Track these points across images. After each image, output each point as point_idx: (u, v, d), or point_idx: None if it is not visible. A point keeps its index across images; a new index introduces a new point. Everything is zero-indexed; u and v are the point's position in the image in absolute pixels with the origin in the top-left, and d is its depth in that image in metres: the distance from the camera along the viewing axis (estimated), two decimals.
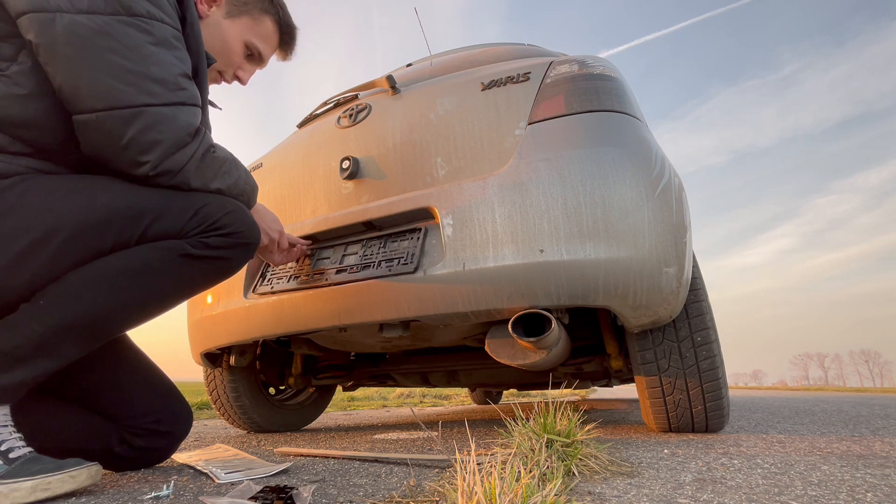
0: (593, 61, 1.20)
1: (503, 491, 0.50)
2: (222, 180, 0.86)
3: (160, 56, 0.74)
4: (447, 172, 1.20)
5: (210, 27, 0.91)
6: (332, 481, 0.79)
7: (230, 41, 0.93)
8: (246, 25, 0.94)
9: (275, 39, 0.99)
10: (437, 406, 4.74)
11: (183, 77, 0.78)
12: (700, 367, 1.20)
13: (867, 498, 0.64)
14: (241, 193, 0.90)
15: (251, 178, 0.94)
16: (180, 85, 0.77)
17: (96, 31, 0.70)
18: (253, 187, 0.94)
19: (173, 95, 0.76)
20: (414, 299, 1.07)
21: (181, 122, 0.77)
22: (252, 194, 0.93)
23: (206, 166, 0.83)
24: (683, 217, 1.07)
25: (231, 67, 0.97)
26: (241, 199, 0.90)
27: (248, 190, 0.92)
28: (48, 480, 0.67)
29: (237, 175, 0.89)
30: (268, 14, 0.95)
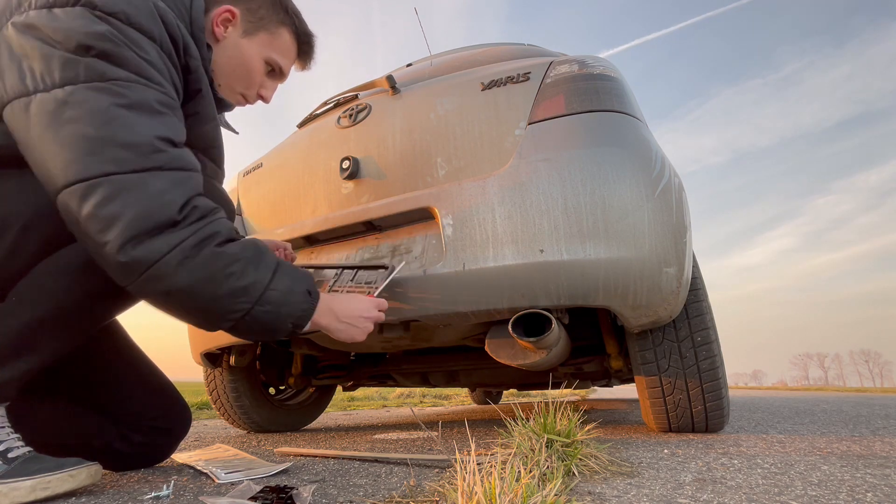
0: (593, 61, 1.20)
1: (503, 491, 0.50)
2: (233, 287, 0.69)
3: (130, 119, 0.64)
4: (447, 172, 1.20)
5: (228, 49, 0.85)
6: (332, 481, 0.79)
7: (250, 61, 0.88)
8: (264, 42, 0.88)
9: (293, 50, 0.94)
10: (437, 406, 4.74)
11: (162, 140, 0.67)
12: (700, 367, 1.20)
13: (867, 498, 0.64)
14: (274, 309, 0.74)
15: (298, 282, 0.78)
16: (157, 147, 0.66)
17: (61, 101, 0.62)
18: (300, 299, 0.78)
19: (146, 160, 0.64)
20: (414, 299, 1.07)
21: (152, 190, 0.64)
22: (298, 308, 0.78)
23: (204, 263, 0.66)
24: (683, 217, 1.07)
25: (253, 87, 0.91)
26: (275, 319, 0.75)
27: (290, 302, 0.76)
28: (48, 479, 0.67)
29: (257, 278, 0.71)
30: (284, 26, 0.90)
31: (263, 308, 0.73)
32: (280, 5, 0.90)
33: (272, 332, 0.77)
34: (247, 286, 0.71)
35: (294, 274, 0.79)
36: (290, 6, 0.92)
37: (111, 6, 0.64)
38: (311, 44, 0.97)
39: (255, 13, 0.87)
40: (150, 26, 0.67)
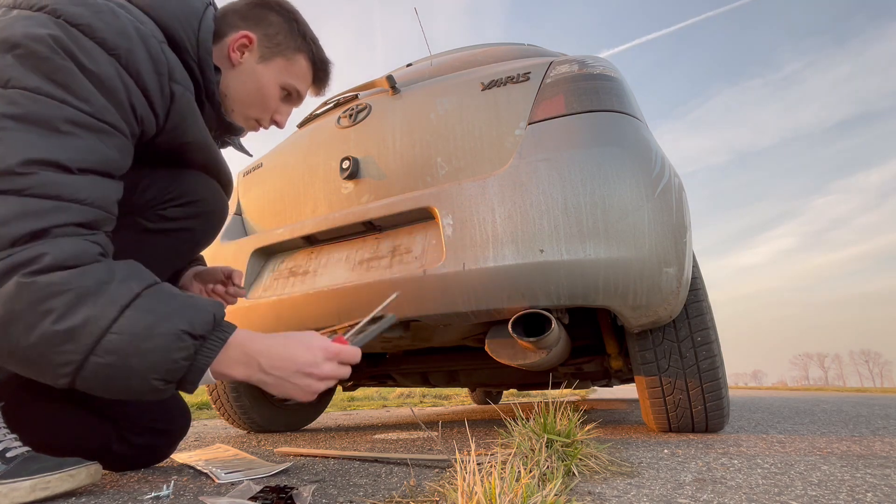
0: (593, 61, 1.20)
1: (503, 491, 0.50)
2: (49, 331, 0.52)
3: (9, 133, 0.55)
4: (447, 172, 1.20)
5: (244, 75, 0.84)
6: (332, 481, 0.79)
7: (266, 87, 0.85)
8: (280, 67, 0.86)
9: (309, 76, 0.92)
10: (437, 406, 4.74)
11: (38, 163, 0.55)
12: (700, 367, 1.20)
13: (867, 498, 0.64)
14: (119, 361, 0.54)
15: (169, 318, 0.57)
16: (16, 171, 0.54)
17: None
18: (169, 344, 0.57)
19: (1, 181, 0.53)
20: (414, 299, 1.07)
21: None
22: (166, 358, 0.57)
23: (6, 298, 0.51)
24: (683, 217, 1.07)
25: (268, 113, 0.89)
26: (124, 375, 0.55)
27: (148, 350, 0.55)
28: (47, 479, 0.67)
29: (90, 316, 0.53)
30: (301, 52, 0.88)
31: (100, 360, 0.54)
32: (297, 32, 0.88)
33: (132, 393, 0.57)
34: (72, 329, 0.53)
35: (167, 306, 0.58)
36: (308, 33, 0.90)
37: (76, 17, 0.60)
38: (326, 70, 0.95)
39: (273, 39, 0.85)
40: (115, 42, 0.62)
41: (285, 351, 0.65)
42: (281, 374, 0.64)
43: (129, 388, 0.57)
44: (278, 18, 0.86)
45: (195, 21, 0.75)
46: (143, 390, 0.57)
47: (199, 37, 0.75)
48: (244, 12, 0.86)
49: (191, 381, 0.60)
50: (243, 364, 0.63)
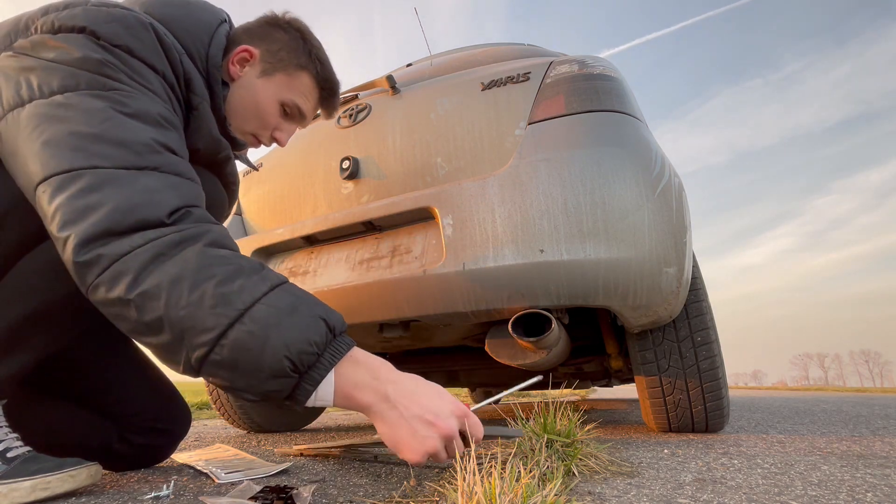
0: (593, 61, 1.20)
1: (503, 491, 0.50)
2: (209, 292, 0.54)
3: (127, 122, 0.61)
4: (447, 172, 1.20)
5: (242, 88, 0.83)
6: (332, 481, 0.79)
7: (263, 102, 0.85)
8: (281, 83, 0.85)
9: (314, 95, 0.90)
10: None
11: (161, 144, 0.62)
12: (700, 367, 1.20)
13: (867, 498, 0.64)
14: (260, 330, 0.55)
15: (311, 305, 0.59)
16: (154, 148, 0.61)
17: (56, 104, 0.59)
18: (308, 324, 0.57)
19: (139, 159, 0.59)
20: (414, 299, 1.07)
21: (142, 186, 0.58)
22: (301, 337, 0.56)
23: (181, 261, 0.55)
24: (683, 217, 1.07)
25: (267, 129, 0.88)
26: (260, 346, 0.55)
27: (288, 325, 0.56)
28: (48, 480, 0.67)
29: (246, 285, 0.56)
30: (304, 69, 0.87)
31: (244, 327, 0.54)
32: (303, 49, 0.87)
33: (256, 372, 0.55)
34: (228, 293, 0.55)
35: (307, 295, 0.61)
36: (315, 52, 0.88)
37: (115, 38, 0.64)
38: (333, 90, 0.92)
39: (275, 55, 0.85)
40: (153, 59, 0.67)
41: (416, 388, 0.61)
42: (404, 412, 0.58)
43: (258, 367, 0.55)
44: (285, 36, 0.86)
45: (206, 36, 0.77)
46: (270, 373, 0.55)
47: (209, 52, 0.77)
48: (253, 29, 0.86)
49: (313, 379, 0.57)
50: (371, 388, 0.59)
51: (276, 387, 0.56)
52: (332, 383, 0.58)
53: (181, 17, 0.75)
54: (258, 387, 0.56)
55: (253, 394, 0.57)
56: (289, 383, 0.56)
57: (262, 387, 0.56)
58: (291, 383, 0.57)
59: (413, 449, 0.58)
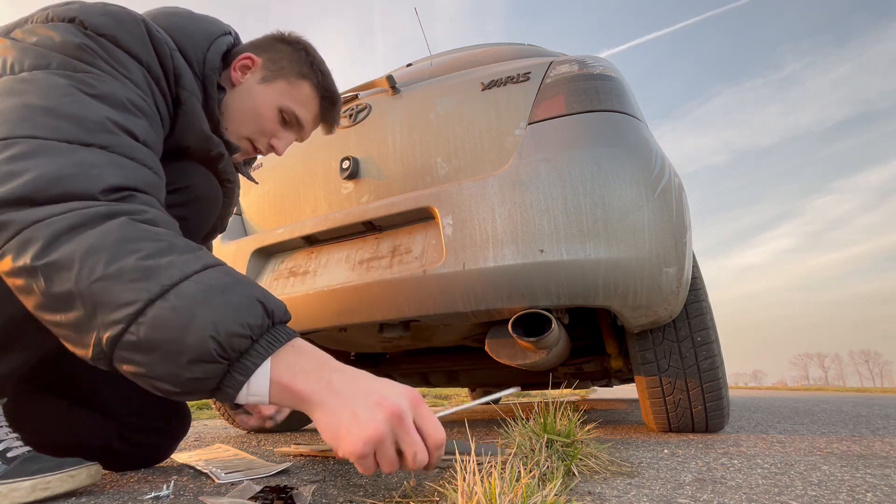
0: (593, 61, 1.20)
1: (503, 491, 0.50)
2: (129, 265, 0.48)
3: (87, 100, 0.57)
4: (447, 172, 1.20)
5: (242, 93, 0.84)
6: (332, 481, 0.79)
7: (261, 107, 0.85)
8: (281, 90, 0.86)
9: (314, 105, 0.90)
10: (438, 406, 4.74)
11: (118, 126, 0.58)
12: (700, 367, 1.20)
13: (867, 498, 0.64)
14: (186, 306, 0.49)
15: (248, 287, 0.53)
16: (108, 127, 0.57)
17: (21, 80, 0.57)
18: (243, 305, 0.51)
19: (87, 135, 0.55)
20: (414, 299, 1.07)
21: (79, 160, 0.53)
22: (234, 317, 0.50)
23: (103, 233, 0.50)
24: (683, 217, 1.07)
25: (264, 136, 0.88)
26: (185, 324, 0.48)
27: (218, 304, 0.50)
28: (47, 480, 0.67)
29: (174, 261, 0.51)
30: (306, 79, 0.88)
31: (167, 303, 0.48)
32: (305, 60, 0.88)
33: (176, 356, 0.48)
34: (153, 267, 0.49)
35: (246, 279, 0.55)
36: (317, 64, 0.89)
37: (101, 28, 0.64)
38: (333, 101, 0.93)
39: (277, 63, 0.86)
40: (138, 50, 0.66)
41: (364, 375, 0.54)
42: (348, 397, 0.50)
43: (179, 349, 0.48)
44: (287, 48, 0.88)
45: (206, 42, 0.78)
46: (193, 356, 0.48)
47: (206, 56, 0.78)
48: (257, 42, 0.88)
49: (245, 368, 0.50)
50: (313, 375, 0.51)
51: (200, 373, 0.49)
52: (266, 375, 0.51)
53: (184, 24, 0.77)
54: (179, 374, 0.49)
55: (173, 384, 0.49)
56: (215, 370, 0.49)
57: (183, 374, 0.49)
58: (219, 370, 0.49)
59: (353, 435, 0.48)
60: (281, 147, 0.91)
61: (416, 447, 0.50)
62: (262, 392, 0.51)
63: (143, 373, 0.49)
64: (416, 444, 0.50)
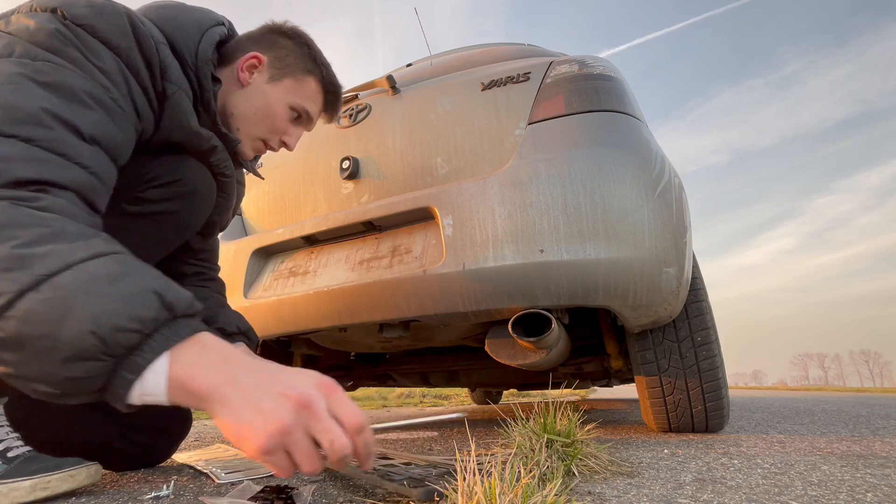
0: (593, 61, 1.20)
1: (503, 491, 0.50)
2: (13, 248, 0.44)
3: (30, 89, 0.54)
4: (447, 172, 1.20)
5: (252, 93, 0.84)
6: (332, 481, 0.79)
7: (274, 106, 0.86)
8: (289, 88, 0.86)
9: (320, 99, 0.92)
10: (437, 406, 4.74)
11: (55, 118, 0.54)
12: (700, 367, 1.20)
13: (867, 498, 0.64)
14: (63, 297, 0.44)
15: (145, 277, 0.49)
16: (40, 119, 0.53)
17: None
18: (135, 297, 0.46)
19: (11, 125, 0.51)
20: (414, 299, 1.07)
21: None
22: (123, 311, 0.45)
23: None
24: (683, 217, 1.07)
25: (276, 133, 0.89)
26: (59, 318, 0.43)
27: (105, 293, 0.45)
28: (47, 480, 0.67)
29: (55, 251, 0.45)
30: (311, 74, 0.89)
31: (41, 295, 0.44)
32: (308, 55, 0.88)
33: (49, 353, 0.43)
34: (28, 256, 0.44)
35: (144, 268, 0.50)
36: (319, 58, 0.90)
37: (80, 18, 0.62)
38: (337, 94, 0.94)
39: (283, 60, 0.86)
40: (117, 41, 0.64)
41: (273, 367, 0.49)
42: (251, 391, 0.45)
43: (52, 345, 0.43)
44: (290, 43, 0.87)
45: (197, 33, 0.77)
46: (71, 353, 0.43)
47: (199, 47, 0.76)
48: (257, 37, 0.87)
49: (134, 366, 0.45)
50: (216, 370, 0.46)
51: (80, 372, 0.44)
52: (163, 372, 0.45)
53: (174, 16, 0.75)
54: (55, 373, 0.44)
55: (50, 384, 0.44)
56: (98, 368, 0.44)
57: (59, 373, 0.43)
58: (103, 368, 0.44)
59: (256, 430, 0.42)
60: (293, 143, 0.91)
61: (333, 434, 0.44)
62: (159, 391, 0.46)
63: (13, 373, 0.45)
64: (333, 430, 0.44)
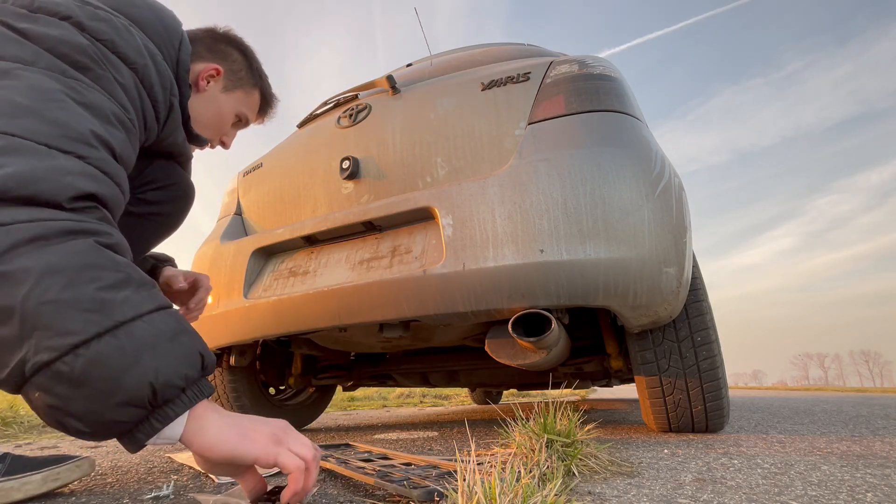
0: (593, 61, 1.20)
1: (503, 491, 0.50)
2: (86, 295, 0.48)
3: (74, 108, 0.56)
4: (447, 172, 1.20)
5: (206, 100, 0.91)
6: (332, 481, 0.79)
7: (225, 114, 0.94)
8: (239, 98, 0.96)
9: (258, 107, 1.02)
10: (437, 406, 4.74)
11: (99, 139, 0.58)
12: (700, 367, 1.20)
13: (867, 498, 0.64)
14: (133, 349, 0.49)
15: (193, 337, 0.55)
16: (89, 140, 0.56)
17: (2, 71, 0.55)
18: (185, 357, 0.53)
19: (65, 142, 0.53)
20: (414, 299, 1.07)
21: (53, 164, 0.51)
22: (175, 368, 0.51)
23: (65, 253, 0.48)
24: (683, 217, 1.07)
25: (218, 135, 0.97)
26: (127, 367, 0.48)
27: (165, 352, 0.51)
28: (57, 471, 0.71)
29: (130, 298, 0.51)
30: (257, 88, 0.99)
31: (117, 341, 0.48)
32: (256, 70, 0.97)
33: (107, 396, 0.47)
34: (108, 301, 0.49)
35: (189, 327, 0.57)
36: (262, 71, 1.00)
37: (100, 32, 0.63)
38: (272, 103, 1.04)
39: (236, 74, 0.94)
40: (134, 58, 0.66)
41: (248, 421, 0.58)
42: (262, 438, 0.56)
43: (113, 389, 0.47)
44: (239, 56, 0.94)
45: (176, 40, 0.79)
46: (124, 400, 0.48)
47: (178, 56, 0.79)
48: (209, 45, 0.92)
49: (165, 417, 0.51)
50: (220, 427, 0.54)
51: (125, 417, 0.49)
52: (182, 423, 0.52)
53: (153, 21, 0.75)
54: (102, 414, 0.48)
55: (88, 423, 0.48)
56: (138, 415, 0.49)
57: (107, 414, 0.48)
58: (141, 416, 0.50)
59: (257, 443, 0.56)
60: (229, 143, 1.01)
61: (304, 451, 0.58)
62: (174, 437, 0.52)
63: (58, 405, 0.47)
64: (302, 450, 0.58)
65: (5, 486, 0.66)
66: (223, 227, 1.56)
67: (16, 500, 0.67)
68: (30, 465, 0.71)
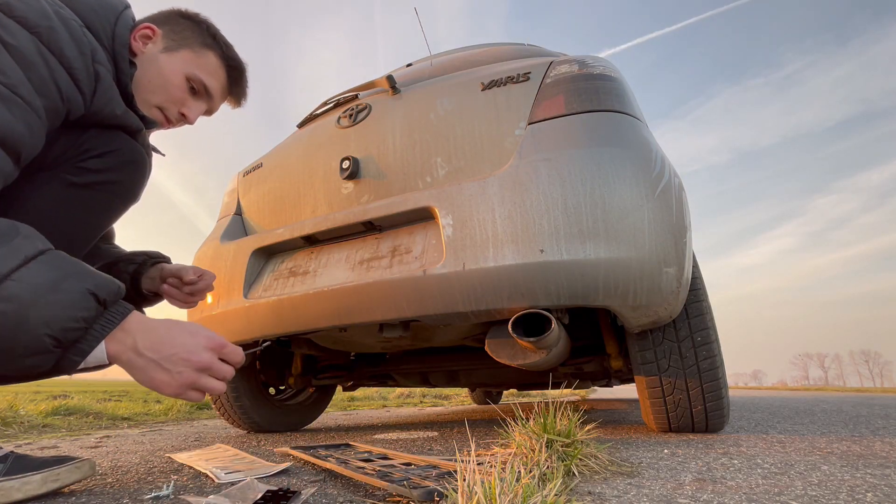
0: (593, 61, 1.20)
1: (503, 491, 0.50)
2: None
3: None
4: (447, 172, 1.20)
5: (145, 63, 0.84)
6: (332, 481, 0.79)
7: (168, 74, 0.85)
8: (186, 58, 0.86)
9: (221, 75, 0.91)
10: (437, 406, 4.74)
11: None
12: (700, 367, 1.20)
13: (867, 498, 0.64)
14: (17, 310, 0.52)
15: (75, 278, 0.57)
16: None
17: None
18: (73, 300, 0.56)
19: None
20: (414, 299, 1.07)
21: None
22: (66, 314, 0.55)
23: None
24: (683, 217, 1.07)
25: (174, 104, 0.87)
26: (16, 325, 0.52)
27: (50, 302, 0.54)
28: (57, 472, 0.71)
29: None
30: (210, 49, 0.89)
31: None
32: (207, 32, 0.89)
33: (13, 355, 0.52)
34: None
35: (73, 266, 0.58)
36: (219, 35, 0.91)
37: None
38: (240, 70, 0.94)
39: (179, 33, 0.87)
40: (35, 20, 0.64)
41: (167, 333, 0.63)
42: (154, 357, 0.61)
43: (13, 346, 0.52)
44: (188, 22, 0.89)
45: (112, 16, 0.77)
46: (29, 352, 0.53)
47: (115, 30, 0.76)
48: (154, 16, 0.88)
49: (81, 351, 0.56)
50: (118, 341, 0.60)
51: (36, 363, 0.55)
52: (102, 349, 0.58)
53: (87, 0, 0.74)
54: (15, 366, 0.54)
55: (9, 372, 0.55)
56: (51, 358, 0.55)
57: (16, 364, 0.54)
58: (53, 357, 0.55)
59: (168, 384, 0.62)
60: (192, 116, 0.90)
61: (224, 372, 0.67)
62: (101, 360, 0.59)
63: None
64: (220, 372, 0.67)
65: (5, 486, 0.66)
66: (223, 227, 1.56)
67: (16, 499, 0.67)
68: (31, 465, 0.71)
